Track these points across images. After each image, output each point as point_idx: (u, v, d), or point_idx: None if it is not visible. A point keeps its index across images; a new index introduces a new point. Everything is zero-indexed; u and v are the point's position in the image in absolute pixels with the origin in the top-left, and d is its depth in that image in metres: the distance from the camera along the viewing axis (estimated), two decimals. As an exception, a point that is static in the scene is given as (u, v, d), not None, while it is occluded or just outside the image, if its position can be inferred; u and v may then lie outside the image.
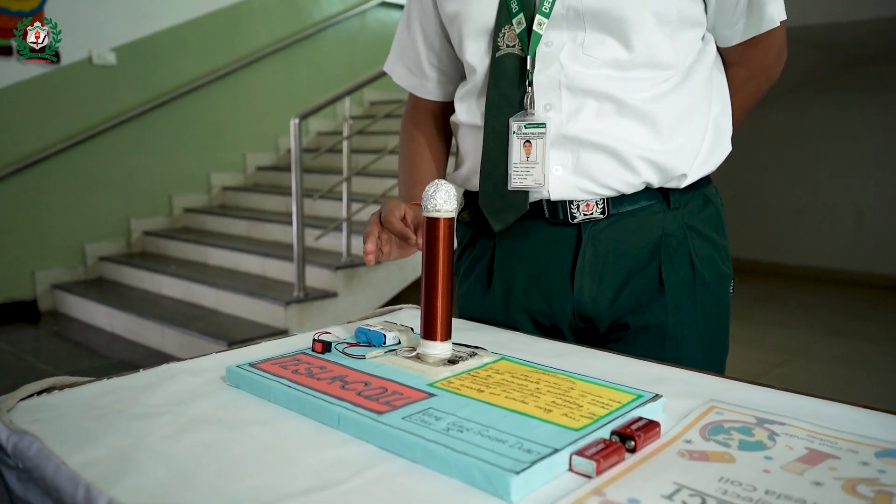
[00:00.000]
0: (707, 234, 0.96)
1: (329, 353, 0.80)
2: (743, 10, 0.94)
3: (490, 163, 0.95)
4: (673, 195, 0.94)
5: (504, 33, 0.93)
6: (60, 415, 0.65)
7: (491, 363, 0.76)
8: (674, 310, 0.94)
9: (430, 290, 0.75)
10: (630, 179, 0.91)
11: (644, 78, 0.90)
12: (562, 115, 0.90)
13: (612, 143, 0.89)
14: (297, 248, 3.48)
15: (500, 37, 0.94)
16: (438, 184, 0.75)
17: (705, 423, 0.64)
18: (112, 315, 4.01)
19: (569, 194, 0.91)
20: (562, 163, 0.91)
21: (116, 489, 0.50)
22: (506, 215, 0.95)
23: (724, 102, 0.99)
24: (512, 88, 0.93)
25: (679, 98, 0.92)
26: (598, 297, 0.95)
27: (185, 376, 0.76)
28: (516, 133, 0.92)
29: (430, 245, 0.75)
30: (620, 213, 0.93)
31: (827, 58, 5.13)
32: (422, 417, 0.61)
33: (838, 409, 0.69)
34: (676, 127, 0.92)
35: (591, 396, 0.66)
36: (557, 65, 0.90)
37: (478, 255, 1.03)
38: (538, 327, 0.99)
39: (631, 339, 0.95)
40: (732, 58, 1.00)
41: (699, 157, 0.94)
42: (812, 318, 4.46)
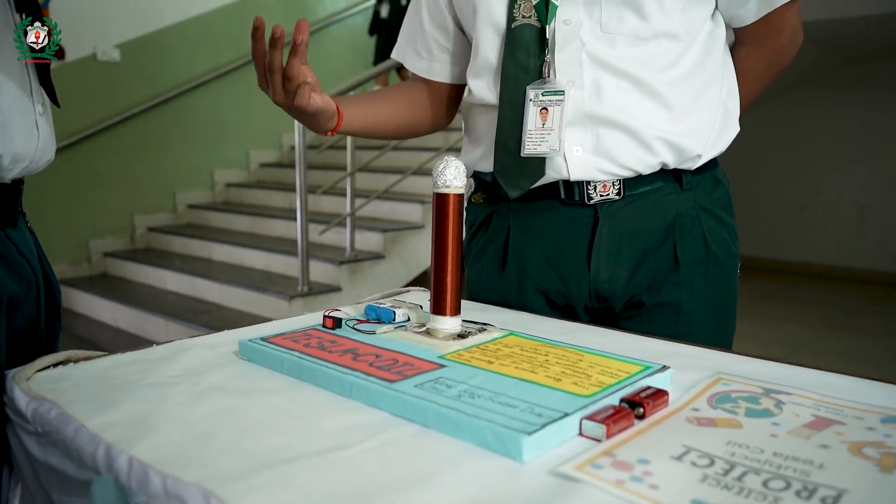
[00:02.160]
0: (718, 214, 0.98)
1: (340, 329, 0.81)
2: None
3: (505, 132, 0.95)
4: (685, 176, 0.95)
5: (520, 4, 0.94)
6: (77, 384, 0.66)
7: (500, 338, 0.77)
8: (688, 287, 0.95)
9: (439, 266, 0.76)
10: (648, 160, 0.92)
11: (660, 53, 0.91)
12: (584, 91, 0.91)
13: (631, 123, 0.90)
14: (301, 242, 3.49)
15: (516, 8, 0.94)
16: (448, 160, 0.76)
17: (712, 393, 0.65)
18: (116, 310, 4.03)
19: (588, 175, 0.93)
20: (581, 143, 0.92)
21: (136, 448, 0.51)
22: (521, 182, 0.95)
23: (731, 84, 1.00)
24: (529, 58, 0.93)
25: (692, 78, 0.93)
26: (614, 277, 0.96)
27: (199, 350, 0.77)
28: (533, 101, 0.93)
29: (439, 220, 0.76)
30: (636, 193, 0.94)
31: (830, 54, 5.14)
32: (433, 385, 0.62)
33: (844, 380, 0.70)
34: (690, 107, 0.93)
35: (599, 367, 0.67)
36: (578, 42, 0.91)
37: (491, 237, 1.04)
38: (553, 307, 1.00)
39: (645, 316, 0.96)
40: (745, 38, 1.01)
41: (711, 137, 0.95)
42: (814, 314, 4.47)
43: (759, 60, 1.02)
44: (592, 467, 0.50)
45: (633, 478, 0.49)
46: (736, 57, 1.03)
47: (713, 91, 0.96)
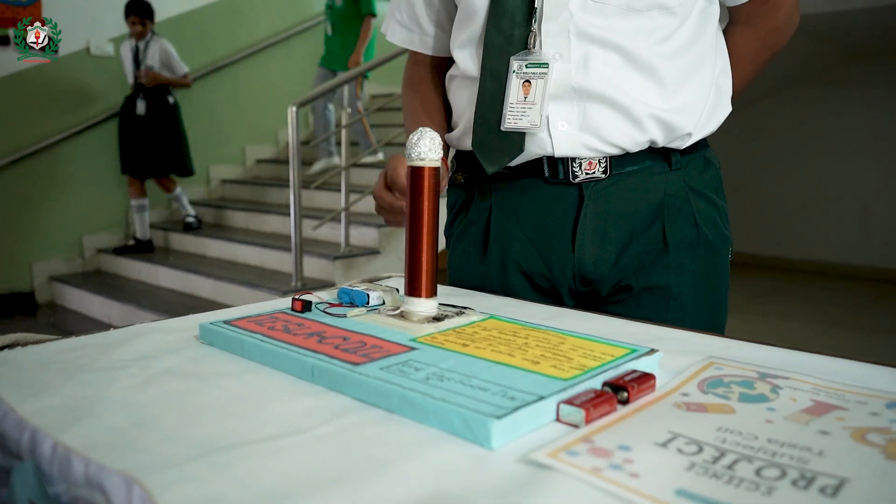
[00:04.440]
0: (709, 195, 0.93)
1: (309, 313, 0.76)
2: None
3: (485, 105, 0.91)
4: (674, 156, 0.90)
5: None
6: (20, 368, 0.61)
7: (478, 321, 0.72)
8: (677, 270, 0.90)
9: (414, 245, 0.72)
10: (636, 137, 0.87)
11: (653, 26, 0.86)
12: (570, 64, 0.86)
13: (620, 98, 0.86)
14: (294, 238, 3.44)
15: None
16: (423, 131, 0.71)
17: (704, 378, 0.60)
18: (110, 306, 3.98)
19: (574, 151, 0.88)
20: (567, 118, 0.87)
21: (66, 434, 0.47)
22: (500, 158, 0.91)
23: (724, 63, 0.96)
24: (514, 28, 0.89)
25: (685, 54, 0.89)
26: (600, 259, 0.91)
27: (157, 334, 0.72)
28: (516, 72, 0.88)
29: (414, 196, 0.71)
30: (622, 173, 0.89)
31: (831, 50, 5.09)
32: (401, 368, 0.57)
33: (845, 364, 0.65)
34: (682, 84, 0.88)
35: (582, 350, 0.63)
36: (567, 13, 0.86)
37: (473, 219, 0.99)
38: (537, 290, 0.95)
39: (633, 300, 0.91)
40: (741, 16, 0.97)
41: (703, 116, 0.90)
42: (815, 311, 4.42)
43: (754, 40, 0.97)
44: (567, 454, 0.45)
45: (612, 465, 0.44)
46: (730, 37, 0.98)
47: (706, 69, 0.91)
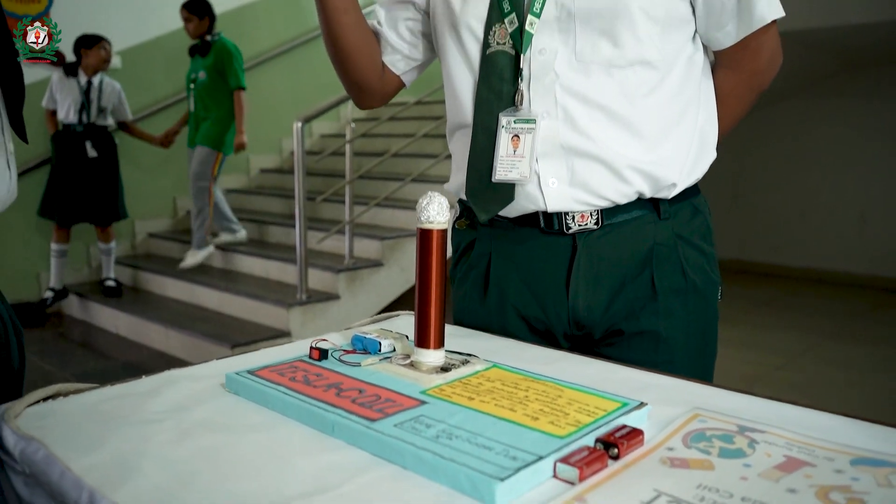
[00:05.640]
0: (696, 243, 0.99)
1: (326, 361, 0.82)
2: (733, 10, 0.95)
3: (477, 156, 0.98)
4: (663, 205, 0.96)
5: (495, 31, 0.96)
6: (65, 420, 0.68)
7: (482, 370, 0.78)
8: (666, 315, 0.96)
9: (423, 300, 0.78)
10: (624, 190, 0.93)
11: (635, 82, 0.92)
12: (557, 122, 0.93)
13: (605, 154, 0.92)
14: (299, 251, 3.51)
15: (492, 34, 0.96)
16: (432, 196, 0.77)
17: (688, 431, 0.66)
18: (116, 317, 4.05)
19: (565, 206, 0.94)
20: (557, 175, 0.93)
21: (118, 493, 0.53)
22: (491, 206, 0.97)
23: (710, 111, 1.01)
24: (503, 85, 0.95)
25: (668, 107, 0.94)
26: (593, 305, 0.97)
27: (186, 382, 0.78)
28: (505, 127, 0.94)
29: (423, 256, 0.77)
30: (614, 223, 0.95)
31: (826, 61, 5.14)
32: (413, 425, 0.63)
33: (819, 417, 0.71)
34: (664, 137, 0.94)
35: (577, 404, 0.69)
36: (553, 74, 0.93)
37: (474, 263, 1.05)
38: (534, 332, 1.01)
39: (625, 344, 0.97)
40: (724, 60, 1.02)
41: (686, 166, 0.96)
42: (813, 321, 4.47)
43: (738, 83, 1.03)
44: (562, 514, 0.51)
45: (602, 526, 0.50)
46: (716, 79, 1.03)
47: (689, 118, 0.97)
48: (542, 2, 0.92)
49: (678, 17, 0.94)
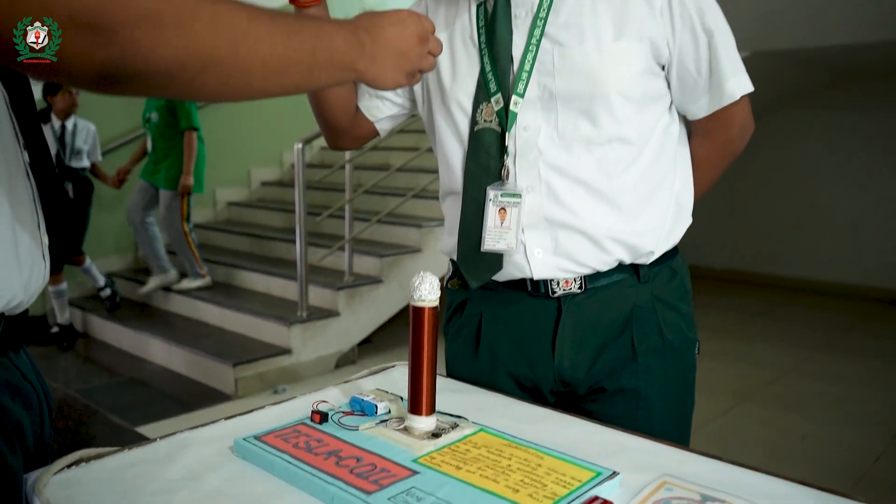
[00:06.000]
0: (674, 304, 1.06)
1: (326, 424, 0.89)
2: (705, 86, 1.02)
3: (467, 227, 1.04)
4: (642, 269, 1.03)
5: (482, 109, 1.02)
6: (89, 489, 0.74)
7: (470, 435, 0.85)
8: (645, 374, 1.03)
9: (416, 372, 0.84)
10: (604, 258, 1.00)
11: (613, 158, 0.99)
12: (541, 196, 0.99)
13: (587, 226, 0.98)
14: (300, 269, 3.58)
15: (479, 112, 1.03)
16: (423, 276, 0.84)
17: (655, 500, 0.73)
18: (119, 331, 4.11)
19: (550, 274, 1.01)
20: (542, 245, 1.00)
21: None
22: (481, 274, 1.04)
23: (685, 177, 1.08)
24: (489, 160, 1.02)
25: (644, 179, 1.01)
26: (577, 364, 1.04)
27: (198, 447, 0.85)
28: (492, 200, 1.01)
29: (415, 332, 0.84)
30: (596, 287, 1.02)
31: (819, 76, 5.21)
32: (405, 498, 0.70)
33: (779, 485, 0.77)
34: (642, 208, 1.01)
35: (555, 475, 0.75)
36: (536, 150, 0.99)
37: (465, 321, 1.12)
38: (522, 388, 1.08)
39: (607, 400, 1.04)
40: (698, 129, 1.09)
41: (663, 234, 1.03)
42: (806, 333, 4.54)
43: (712, 150, 1.10)
44: (535, 593, 0.58)
45: None
46: (691, 146, 1.11)
47: (666, 188, 1.04)
48: (526, 83, 0.99)
49: (654, 93, 1.01)
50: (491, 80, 1.02)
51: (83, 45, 0.55)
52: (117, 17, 0.55)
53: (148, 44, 0.57)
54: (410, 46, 0.80)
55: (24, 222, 0.77)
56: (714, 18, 1.00)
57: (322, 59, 0.70)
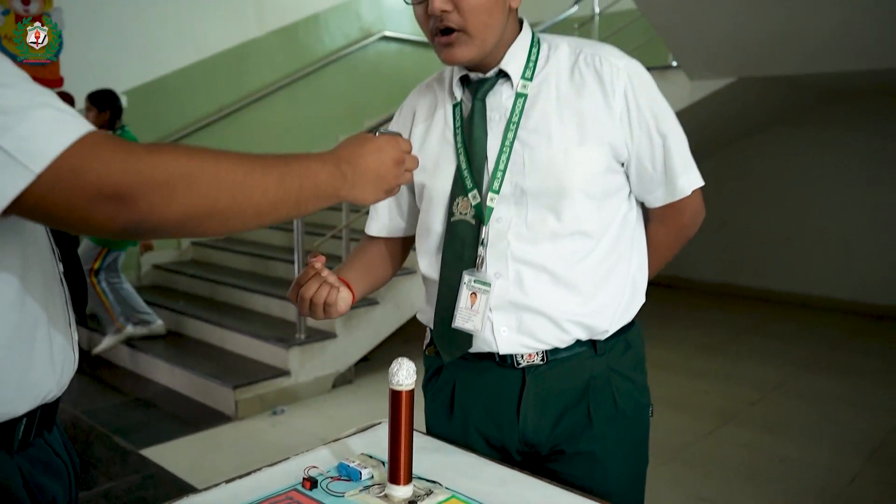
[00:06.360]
0: (627, 374, 1.17)
1: (316, 490, 1.00)
2: (660, 181, 1.14)
3: (442, 306, 1.16)
4: (599, 343, 1.15)
5: (458, 203, 1.14)
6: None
7: (443, 501, 0.97)
8: (600, 439, 1.14)
9: (394, 447, 0.96)
10: (563, 337, 1.12)
11: (573, 249, 1.11)
12: (508, 282, 1.11)
13: (548, 309, 1.10)
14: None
15: (455, 205, 1.14)
16: (401, 363, 0.96)
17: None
18: (121, 349, 4.22)
19: (514, 349, 1.12)
20: (507, 324, 1.12)
21: None
22: (453, 349, 1.17)
23: (641, 258, 1.20)
24: (465, 249, 1.14)
25: (602, 265, 1.13)
26: (539, 428, 1.15)
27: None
28: (466, 284, 1.13)
29: (394, 411, 0.95)
30: (557, 359, 1.14)
31: (812, 95, 5.33)
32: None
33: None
34: (598, 292, 1.12)
35: (513, 544, 0.87)
36: (506, 241, 1.11)
37: (441, 386, 1.24)
38: (491, 447, 1.19)
39: (567, 461, 1.15)
40: (654, 216, 1.21)
41: (618, 313, 1.15)
42: (793, 350, 4.64)
43: (666, 235, 1.22)
44: None
45: None
46: (648, 230, 1.23)
47: (622, 270, 1.15)
48: (501, 180, 1.11)
49: (614, 188, 1.13)
50: (467, 177, 1.13)
51: (109, 211, 0.67)
52: (136, 188, 0.67)
53: (161, 207, 0.69)
54: (388, 169, 0.91)
55: (57, 325, 0.89)
56: (668, 123, 1.12)
57: (308, 193, 0.81)
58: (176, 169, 0.70)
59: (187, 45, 5.16)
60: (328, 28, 6.02)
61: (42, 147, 0.66)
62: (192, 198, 0.71)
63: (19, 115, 0.67)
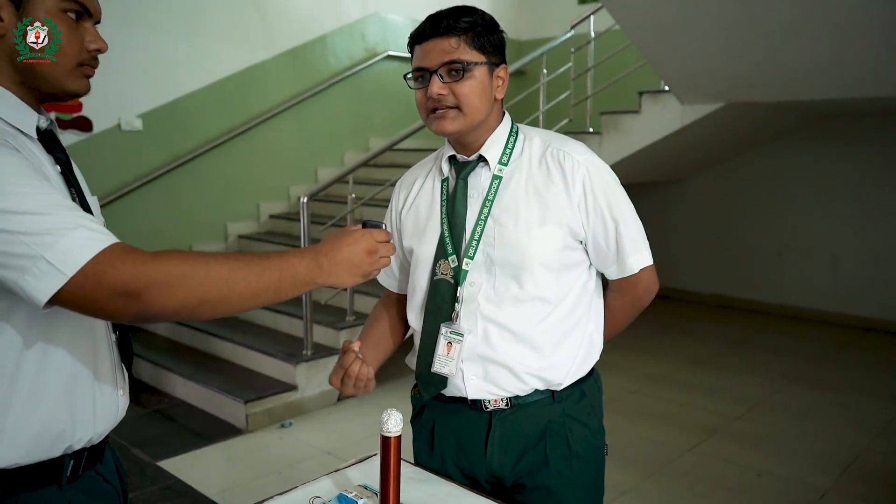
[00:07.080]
0: (582, 419, 1.38)
1: (320, 517, 1.21)
2: (613, 258, 1.35)
3: (423, 352, 1.37)
4: (557, 392, 1.35)
5: (440, 264, 1.35)
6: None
7: (425, 528, 1.17)
8: (556, 476, 1.35)
9: (384, 483, 1.17)
10: (522, 387, 1.33)
11: (533, 312, 1.31)
12: (477, 338, 1.32)
13: (509, 362, 1.31)
14: (305, 309, 3.90)
15: (438, 266, 1.35)
16: (391, 413, 1.16)
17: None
18: (137, 363, 4.44)
19: (481, 395, 1.34)
20: (475, 374, 1.33)
21: None
22: (431, 389, 1.38)
23: (598, 322, 1.40)
24: (443, 304, 1.35)
25: (558, 327, 1.33)
26: (503, 464, 1.36)
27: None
28: (443, 334, 1.34)
29: (384, 456, 1.16)
30: (519, 404, 1.34)
31: (801, 117, 5.50)
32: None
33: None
34: (555, 349, 1.33)
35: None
36: (476, 302, 1.32)
37: (423, 423, 1.46)
38: (466, 477, 1.41)
39: (528, 493, 1.36)
40: (612, 286, 1.42)
41: (573, 368, 1.35)
42: (779, 365, 4.81)
43: (623, 303, 1.43)
44: None
45: None
46: (606, 297, 1.43)
47: (579, 331, 1.36)
48: (475, 249, 1.32)
49: (572, 262, 1.33)
50: (448, 244, 1.34)
51: (122, 304, 0.89)
52: (142, 287, 0.89)
53: (162, 300, 0.91)
54: (362, 259, 1.10)
55: (104, 380, 1.10)
56: (620, 209, 1.32)
57: (286, 283, 1.01)
58: (172, 271, 0.92)
59: (199, 69, 5.37)
60: (334, 49, 6.24)
61: (74, 258, 0.88)
62: (185, 292, 0.92)
63: (59, 234, 0.89)
